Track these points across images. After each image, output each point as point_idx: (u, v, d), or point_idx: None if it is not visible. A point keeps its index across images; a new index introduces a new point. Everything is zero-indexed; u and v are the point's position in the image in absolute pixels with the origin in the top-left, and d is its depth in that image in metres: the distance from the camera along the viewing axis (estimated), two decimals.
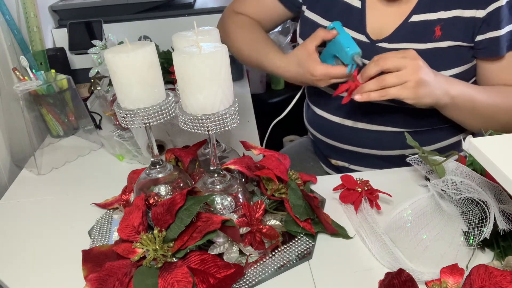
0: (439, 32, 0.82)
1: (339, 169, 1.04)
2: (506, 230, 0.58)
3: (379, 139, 0.93)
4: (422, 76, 0.72)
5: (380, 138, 0.92)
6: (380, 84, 0.74)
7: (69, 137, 1.10)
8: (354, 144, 0.96)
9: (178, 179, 0.72)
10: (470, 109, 0.80)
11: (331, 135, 0.99)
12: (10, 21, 1.10)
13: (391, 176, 0.83)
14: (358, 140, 0.95)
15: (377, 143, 0.93)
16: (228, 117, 0.61)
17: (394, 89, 0.73)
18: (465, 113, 0.82)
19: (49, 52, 1.24)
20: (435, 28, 0.82)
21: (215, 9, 1.34)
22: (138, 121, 0.64)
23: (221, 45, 0.59)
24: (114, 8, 1.36)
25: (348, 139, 0.96)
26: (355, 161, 0.99)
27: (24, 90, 0.93)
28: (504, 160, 0.48)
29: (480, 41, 0.81)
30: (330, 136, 0.99)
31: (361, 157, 0.97)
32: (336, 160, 1.03)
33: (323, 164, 1.11)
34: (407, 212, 0.66)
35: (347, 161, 1.01)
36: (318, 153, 1.12)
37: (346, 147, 0.97)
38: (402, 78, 0.72)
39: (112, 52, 0.61)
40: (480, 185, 0.62)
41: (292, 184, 0.72)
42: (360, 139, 0.95)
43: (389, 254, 0.62)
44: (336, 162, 1.03)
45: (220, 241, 0.64)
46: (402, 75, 0.72)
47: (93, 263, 0.64)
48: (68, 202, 0.84)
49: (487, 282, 0.54)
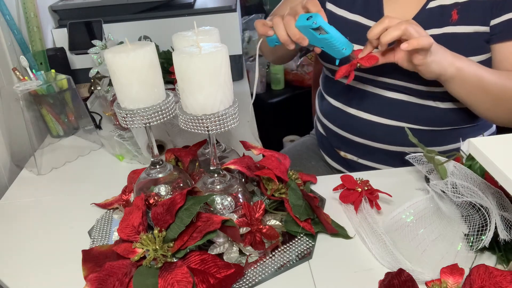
0: (455, 16, 0.82)
1: (346, 162, 1.04)
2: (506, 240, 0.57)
3: (393, 135, 0.93)
4: (433, 42, 0.71)
5: (395, 134, 0.93)
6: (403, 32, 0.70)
7: (69, 137, 1.10)
8: (367, 137, 0.96)
9: (178, 179, 0.72)
10: (477, 85, 0.78)
11: (346, 127, 0.99)
12: (10, 21, 1.10)
13: (391, 176, 0.83)
14: (372, 134, 0.95)
15: (391, 138, 0.94)
16: (228, 117, 0.61)
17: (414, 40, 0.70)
18: (472, 89, 0.79)
19: (49, 52, 1.24)
20: (452, 12, 0.82)
21: (215, 9, 1.34)
22: (138, 121, 0.64)
23: (221, 45, 0.59)
24: (114, 8, 1.36)
25: (362, 132, 0.97)
26: (364, 155, 1.00)
27: (24, 90, 0.93)
28: (504, 160, 0.48)
29: (496, 25, 0.81)
30: (345, 128, 0.99)
31: (372, 151, 0.97)
32: (345, 153, 1.03)
33: (328, 158, 1.10)
34: (406, 213, 0.66)
35: (356, 154, 1.01)
36: (325, 148, 1.11)
37: (358, 139, 0.97)
38: None
39: (112, 52, 0.61)
40: (481, 189, 0.62)
41: (292, 184, 0.72)
42: (375, 133, 0.95)
43: (389, 254, 0.62)
44: (345, 154, 1.03)
45: (220, 241, 0.64)
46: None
47: (93, 263, 0.64)
48: (68, 202, 0.84)
49: (487, 282, 0.54)
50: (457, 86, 0.80)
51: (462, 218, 0.64)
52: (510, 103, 0.80)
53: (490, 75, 0.79)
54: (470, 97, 0.81)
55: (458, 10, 0.82)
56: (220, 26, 0.76)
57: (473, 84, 0.79)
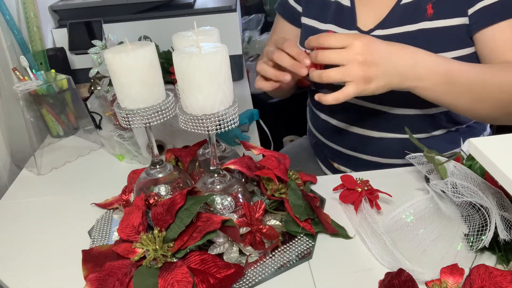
0: (431, 10, 0.79)
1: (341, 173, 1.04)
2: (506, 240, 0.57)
3: (385, 147, 0.91)
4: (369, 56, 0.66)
5: (386, 146, 0.91)
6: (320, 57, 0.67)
7: (69, 137, 1.10)
8: (359, 151, 0.95)
9: (178, 179, 0.72)
10: (446, 89, 0.72)
11: (336, 141, 0.98)
12: (10, 21, 1.10)
13: (391, 176, 0.83)
14: (363, 147, 0.94)
15: (383, 151, 0.92)
16: (228, 117, 0.61)
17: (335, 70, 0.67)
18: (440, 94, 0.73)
19: (49, 52, 1.24)
20: (426, 6, 0.79)
21: (215, 9, 1.34)
22: (138, 121, 0.64)
23: (221, 45, 0.59)
24: (114, 8, 1.36)
25: (354, 146, 0.95)
26: (358, 168, 0.98)
27: (24, 90, 0.93)
28: (504, 160, 0.48)
29: (473, 14, 0.77)
30: (335, 141, 0.98)
31: (366, 164, 0.96)
32: (339, 165, 1.03)
33: (323, 166, 1.10)
34: (406, 213, 0.66)
35: (350, 167, 1.00)
36: (320, 155, 1.11)
37: (351, 153, 0.96)
38: (345, 58, 0.66)
39: (112, 52, 0.61)
40: (482, 189, 0.62)
41: (292, 184, 0.72)
42: (366, 146, 0.93)
43: (389, 254, 0.62)
44: (339, 166, 1.03)
45: (220, 241, 0.64)
46: (345, 54, 0.66)
47: (93, 263, 0.64)
48: (68, 202, 0.84)
49: (487, 282, 0.54)
50: (424, 94, 0.73)
51: (462, 218, 0.64)
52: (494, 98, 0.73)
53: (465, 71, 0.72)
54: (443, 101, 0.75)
55: (433, 4, 0.79)
56: (220, 26, 0.76)
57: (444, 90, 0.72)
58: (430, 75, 0.70)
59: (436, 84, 0.71)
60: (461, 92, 0.72)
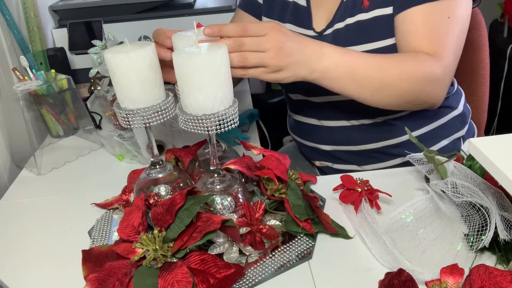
0: (367, 2, 0.82)
1: (323, 171, 1.06)
2: (506, 240, 0.57)
3: (350, 135, 0.95)
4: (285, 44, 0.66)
5: (351, 134, 0.94)
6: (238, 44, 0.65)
7: (69, 137, 1.10)
8: (330, 143, 0.98)
9: (178, 179, 0.72)
10: (349, 80, 0.73)
11: (311, 138, 1.01)
12: (10, 21, 1.10)
13: (391, 176, 0.83)
14: (333, 138, 0.97)
15: (350, 139, 0.95)
16: (228, 117, 0.61)
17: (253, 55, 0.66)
18: (343, 85, 0.74)
19: (49, 52, 1.24)
20: None
21: (215, 9, 1.35)
22: (138, 121, 0.64)
23: (221, 45, 0.59)
24: (114, 8, 1.36)
25: (325, 139, 0.98)
26: (336, 160, 1.01)
27: (24, 90, 0.93)
28: (504, 160, 0.48)
29: (394, 1, 0.80)
30: (310, 139, 1.02)
31: (341, 154, 0.99)
32: (319, 161, 1.05)
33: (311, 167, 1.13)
34: (406, 213, 0.66)
35: (329, 160, 1.03)
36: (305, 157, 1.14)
37: (325, 147, 0.99)
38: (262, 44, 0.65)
39: (112, 52, 0.61)
40: (482, 189, 0.62)
41: (292, 184, 0.72)
42: (334, 137, 0.97)
43: (389, 254, 0.62)
44: (321, 163, 1.05)
45: (220, 241, 0.64)
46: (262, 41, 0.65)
47: (93, 263, 0.64)
48: (68, 202, 0.84)
49: (487, 282, 0.54)
50: (326, 84, 0.74)
51: (462, 218, 0.64)
52: (397, 88, 0.75)
53: (367, 64, 0.73)
54: (343, 91, 0.76)
55: None
56: None
57: (345, 81, 0.73)
58: (336, 68, 0.72)
59: (339, 76, 0.73)
60: (363, 83, 0.74)
